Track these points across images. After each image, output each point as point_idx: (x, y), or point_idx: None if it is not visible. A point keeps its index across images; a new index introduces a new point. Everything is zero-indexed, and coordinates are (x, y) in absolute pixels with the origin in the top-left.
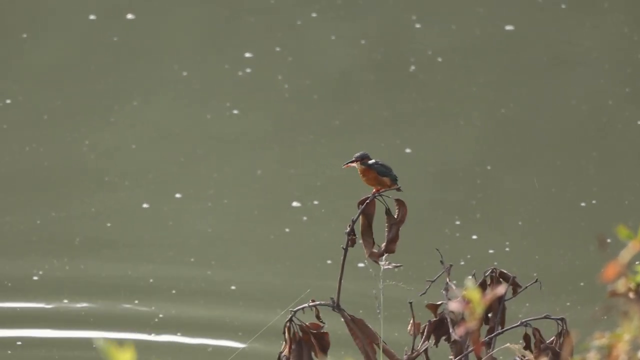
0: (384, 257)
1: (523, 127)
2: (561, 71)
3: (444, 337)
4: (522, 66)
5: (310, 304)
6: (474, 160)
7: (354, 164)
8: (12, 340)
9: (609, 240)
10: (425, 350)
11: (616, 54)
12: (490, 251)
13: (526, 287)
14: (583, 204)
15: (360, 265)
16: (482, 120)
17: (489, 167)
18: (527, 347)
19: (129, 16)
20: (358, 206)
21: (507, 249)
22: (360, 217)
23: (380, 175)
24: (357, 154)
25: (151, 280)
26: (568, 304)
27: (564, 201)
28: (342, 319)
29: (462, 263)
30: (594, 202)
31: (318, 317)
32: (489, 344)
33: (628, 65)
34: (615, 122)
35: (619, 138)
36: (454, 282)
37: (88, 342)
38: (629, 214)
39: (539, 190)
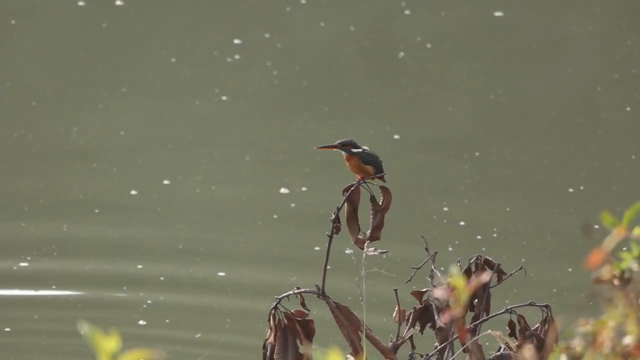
0: (366, 243)
1: (512, 113)
2: (550, 57)
3: (429, 324)
4: (511, 52)
5: (296, 291)
6: (462, 146)
7: (332, 149)
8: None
9: (596, 227)
10: (411, 337)
11: (605, 40)
12: (478, 237)
13: (511, 274)
14: (571, 190)
15: (348, 252)
16: (471, 106)
17: (477, 154)
18: (512, 334)
19: (118, 2)
20: (343, 193)
21: (494, 235)
22: (346, 204)
23: (363, 163)
24: (340, 140)
25: (139, 267)
26: (554, 290)
27: (552, 187)
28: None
29: (450, 249)
30: (582, 188)
31: (303, 304)
32: (474, 331)
33: (617, 51)
34: (604, 108)
35: (607, 124)
36: (442, 268)
37: (75, 330)
38: (617, 200)
39: (528, 176)
